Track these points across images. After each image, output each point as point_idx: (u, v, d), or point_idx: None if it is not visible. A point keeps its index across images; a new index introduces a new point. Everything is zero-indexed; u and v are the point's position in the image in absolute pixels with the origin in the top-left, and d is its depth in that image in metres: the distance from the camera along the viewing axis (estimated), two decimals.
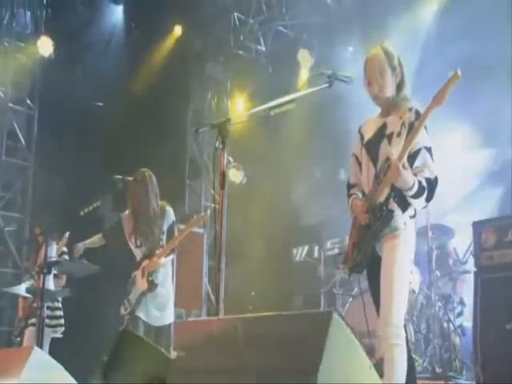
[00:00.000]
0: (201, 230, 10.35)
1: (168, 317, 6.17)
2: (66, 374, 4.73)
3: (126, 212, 6.42)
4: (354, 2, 9.06)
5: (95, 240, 6.55)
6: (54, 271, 6.46)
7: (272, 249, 10.61)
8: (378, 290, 4.01)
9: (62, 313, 7.45)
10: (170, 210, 6.37)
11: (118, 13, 11.84)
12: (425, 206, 4.06)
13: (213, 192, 10.56)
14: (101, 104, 11.28)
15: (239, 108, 11.63)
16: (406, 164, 3.82)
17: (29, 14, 11.07)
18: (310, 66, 10.26)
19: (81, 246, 6.43)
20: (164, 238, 6.25)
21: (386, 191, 3.99)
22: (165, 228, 6.28)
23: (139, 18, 11.36)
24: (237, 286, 10.01)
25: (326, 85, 4.04)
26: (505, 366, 5.32)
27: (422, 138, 3.95)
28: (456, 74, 3.68)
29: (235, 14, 10.60)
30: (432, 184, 3.93)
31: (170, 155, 10.90)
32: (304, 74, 11.06)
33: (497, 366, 5.39)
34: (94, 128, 10.38)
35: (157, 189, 6.31)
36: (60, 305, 7.46)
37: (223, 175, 3.81)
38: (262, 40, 10.63)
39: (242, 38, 10.59)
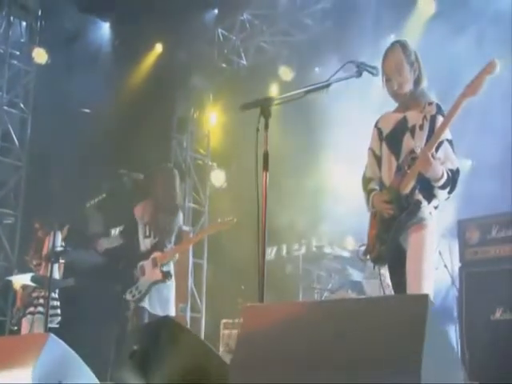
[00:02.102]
0: (187, 228, 10.00)
1: (171, 309, 5.81)
2: (81, 362, 4.32)
3: (141, 203, 6.07)
4: (333, 24, 8.80)
5: (113, 240, 6.19)
6: (61, 260, 6.04)
7: (245, 248, 10.30)
8: (400, 281, 3.74)
9: (58, 303, 7.05)
10: (180, 212, 6.08)
11: (105, 29, 11.44)
12: (447, 198, 3.78)
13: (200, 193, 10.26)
14: (88, 111, 10.89)
15: (213, 120, 11.33)
16: (435, 154, 3.56)
17: (24, 24, 10.79)
18: (287, 81, 10.00)
19: (104, 242, 6.07)
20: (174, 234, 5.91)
21: (413, 182, 3.71)
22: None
23: (125, 34, 10.94)
24: (220, 281, 9.71)
25: (355, 74, 3.68)
26: (491, 355, 5.14)
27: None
28: (492, 63, 3.41)
29: (219, 30, 10.26)
30: (455, 175, 3.71)
31: (155, 160, 10.51)
32: (274, 90, 10.81)
33: (483, 355, 5.20)
34: (82, 132, 9.97)
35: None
36: (57, 295, 7.05)
37: (267, 156, 3.42)
38: (243, 55, 10.32)
39: (225, 51, 10.28)
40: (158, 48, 11.04)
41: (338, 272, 7.93)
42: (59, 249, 6.01)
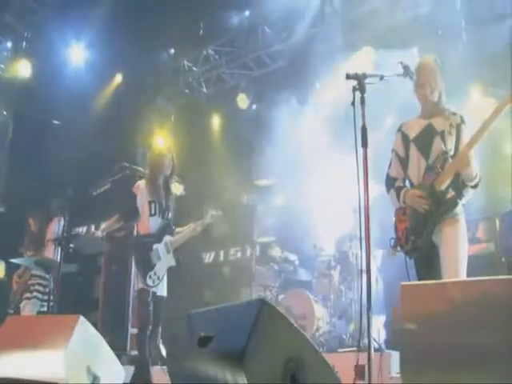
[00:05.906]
0: None
1: (165, 288, 5.08)
2: (107, 346, 3.85)
3: (139, 183, 5.25)
4: (288, 62, 8.58)
5: (112, 222, 5.43)
6: (71, 245, 5.42)
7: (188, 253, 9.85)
8: (428, 272, 3.51)
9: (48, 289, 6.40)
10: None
11: (80, 50, 10.49)
12: (470, 198, 3.67)
13: None
14: (58, 122, 10.33)
15: (160, 143, 10.73)
16: (472, 155, 3.38)
17: (10, 43, 10.23)
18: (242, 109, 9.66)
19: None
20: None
21: (448, 180, 3.56)
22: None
23: (98, 57, 10.27)
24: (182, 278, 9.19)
25: (402, 74, 3.50)
26: None
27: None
28: None
29: (184, 61, 9.85)
30: (479, 180, 3.60)
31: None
32: (215, 122, 10.38)
33: None
34: (52, 140, 9.45)
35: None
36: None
37: (365, 131, 2.94)
38: (203, 84, 9.94)
39: (190, 79, 9.85)
40: (118, 78, 10.42)
41: (287, 272, 7.55)
42: (65, 234, 5.34)
